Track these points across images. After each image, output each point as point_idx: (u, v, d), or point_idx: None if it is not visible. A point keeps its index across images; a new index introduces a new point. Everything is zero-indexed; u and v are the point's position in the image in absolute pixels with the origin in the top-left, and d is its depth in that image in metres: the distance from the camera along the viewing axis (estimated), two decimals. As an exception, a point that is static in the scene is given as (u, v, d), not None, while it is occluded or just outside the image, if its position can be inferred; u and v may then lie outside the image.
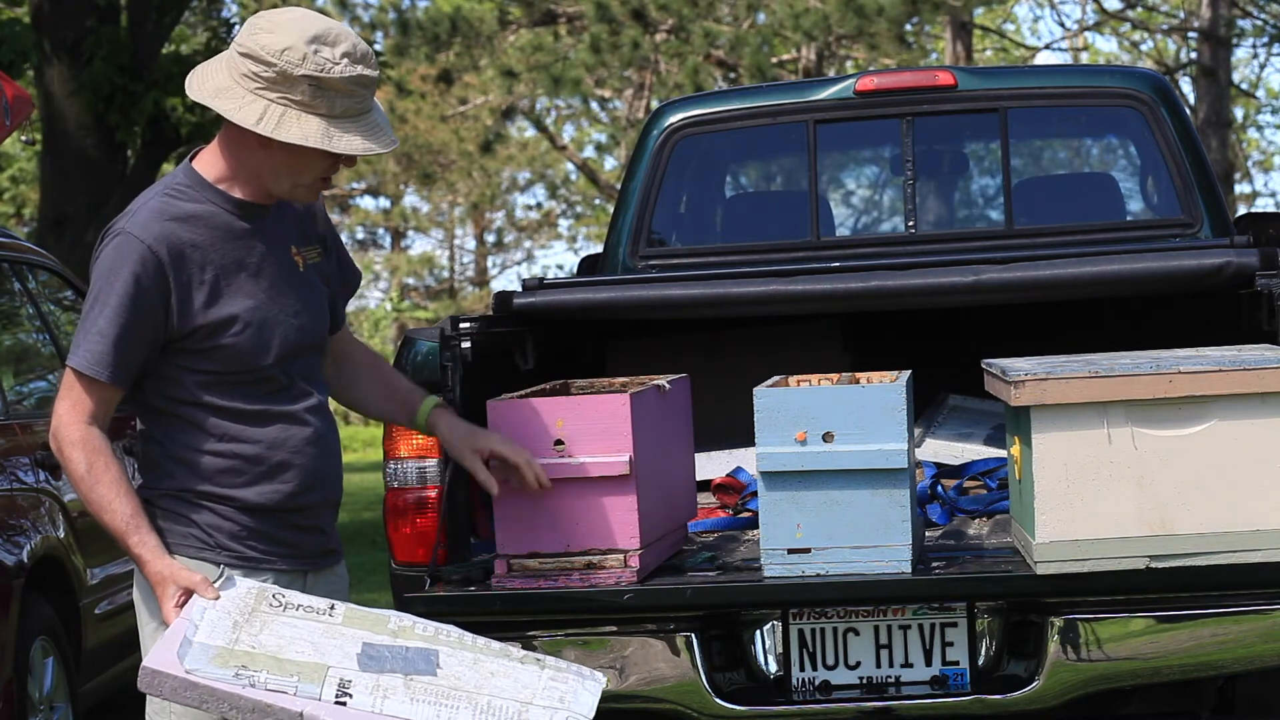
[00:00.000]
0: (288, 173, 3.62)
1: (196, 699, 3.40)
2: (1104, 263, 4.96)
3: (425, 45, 22.72)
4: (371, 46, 19.02)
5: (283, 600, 3.58)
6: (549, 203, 41.14)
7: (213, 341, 3.59)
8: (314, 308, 3.75)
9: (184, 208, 3.62)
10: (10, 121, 6.68)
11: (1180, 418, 4.12)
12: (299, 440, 3.68)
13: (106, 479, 3.53)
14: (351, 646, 3.53)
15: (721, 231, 6.49)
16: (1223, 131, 22.62)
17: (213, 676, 3.40)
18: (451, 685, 3.53)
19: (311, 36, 3.53)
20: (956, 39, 24.65)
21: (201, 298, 3.59)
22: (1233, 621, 4.30)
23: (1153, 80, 6.17)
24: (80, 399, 3.57)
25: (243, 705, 3.40)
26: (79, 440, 3.54)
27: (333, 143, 3.55)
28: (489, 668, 3.60)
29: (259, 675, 3.42)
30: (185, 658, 3.41)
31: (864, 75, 6.17)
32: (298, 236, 3.76)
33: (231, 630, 3.48)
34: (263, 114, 3.55)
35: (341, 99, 3.56)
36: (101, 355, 3.55)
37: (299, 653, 3.48)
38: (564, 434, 4.21)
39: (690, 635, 4.40)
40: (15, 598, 5.80)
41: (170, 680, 3.40)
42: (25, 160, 28.66)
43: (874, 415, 4.22)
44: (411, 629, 3.62)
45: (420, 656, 3.57)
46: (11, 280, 7.00)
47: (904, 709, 4.41)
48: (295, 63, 3.52)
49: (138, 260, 3.55)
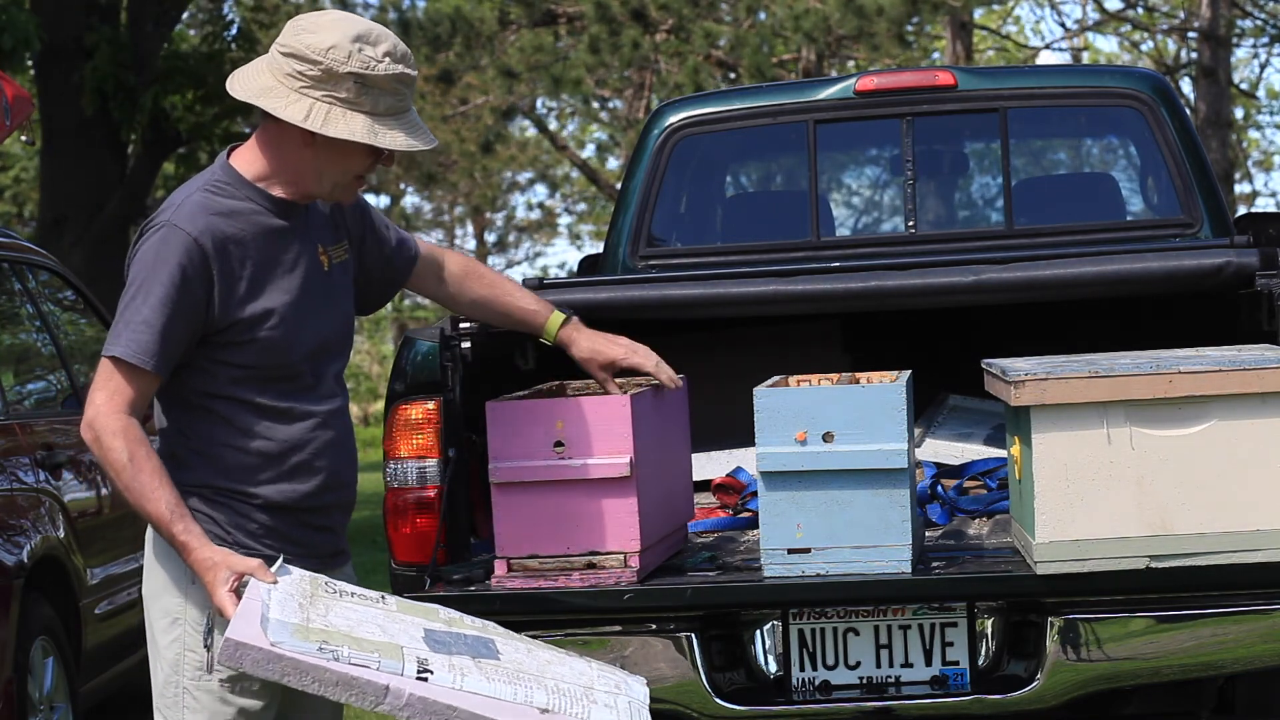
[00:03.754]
0: (330, 171, 3.68)
1: (280, 671, 3.36)
2: (1104, 263, 4.96)
3: (425, 45, 22.71)
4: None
5: (335, 588, 3.61)
6: (550, 201, 41.14)
7: (249, 335, 3.64)
8: (339, 307, 3.81)
9: (225, 204, 3.67)
10: (10, 121, 6.68)
11: (1180, 418, 4.12)
12: (322, 442, 3.72)
13: (149, 468, 3.54)
14: (415, 631, 3.55)
15: (721, 231, 6.49)
16: (1223, 131, 22.61)
17: (298, 649, 3.36)
18: (517, 669, 3.55)
19: (355, 35, 3.60)
20: (956, 39, 24.64)
21: (241, 291, 3.63)
22: (1233, 621, 4.30)
23: (1153, 80, 6.17)
24: (120, 388, 3.57)
25: (328, 678, 3.35)
26: (120, 430, 3.55)
27: (379, 138, 3.60)
28: (544, 656, 3.66)
29: (342, 650, 3.39)
30: (268, 631, 3.38)
31: (864, 75, 6.17)
32: (325, 235, 3.82)
33: (299, 611, 3.47)
34: (309, 111, 3.60)
35: (385, 97, 3.62)
36: (147, 344, 3.56)
37: (370, 633, 3.48)
38: (563, 435, 4.21)
39: (690, 635, 4.40)
40: (15, 598, 5.80)
41: (255, 653, 3.36)
42: (25, 160, 28.67)
43: (874, 415, 4.22)
44: (461, 620, 3.67)
45: (480, 643, 3.60)
46: (11, 280, 7.00)
47: (904, 709, 4.41)
48: (341, 60, 3.58)
49: (183, 252, 3.58)
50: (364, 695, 3.35)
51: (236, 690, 3.64)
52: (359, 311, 4.03)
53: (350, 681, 3.35)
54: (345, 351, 3.84)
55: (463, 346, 4.67)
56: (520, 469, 4.23)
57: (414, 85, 3.69)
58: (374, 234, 3.98)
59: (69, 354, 7.20)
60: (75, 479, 6.59)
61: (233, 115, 16.01)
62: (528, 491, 4.23)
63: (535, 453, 4.20)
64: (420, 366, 4.66)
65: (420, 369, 4.65)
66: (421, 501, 4.63)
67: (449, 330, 4.67)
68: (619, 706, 3.59)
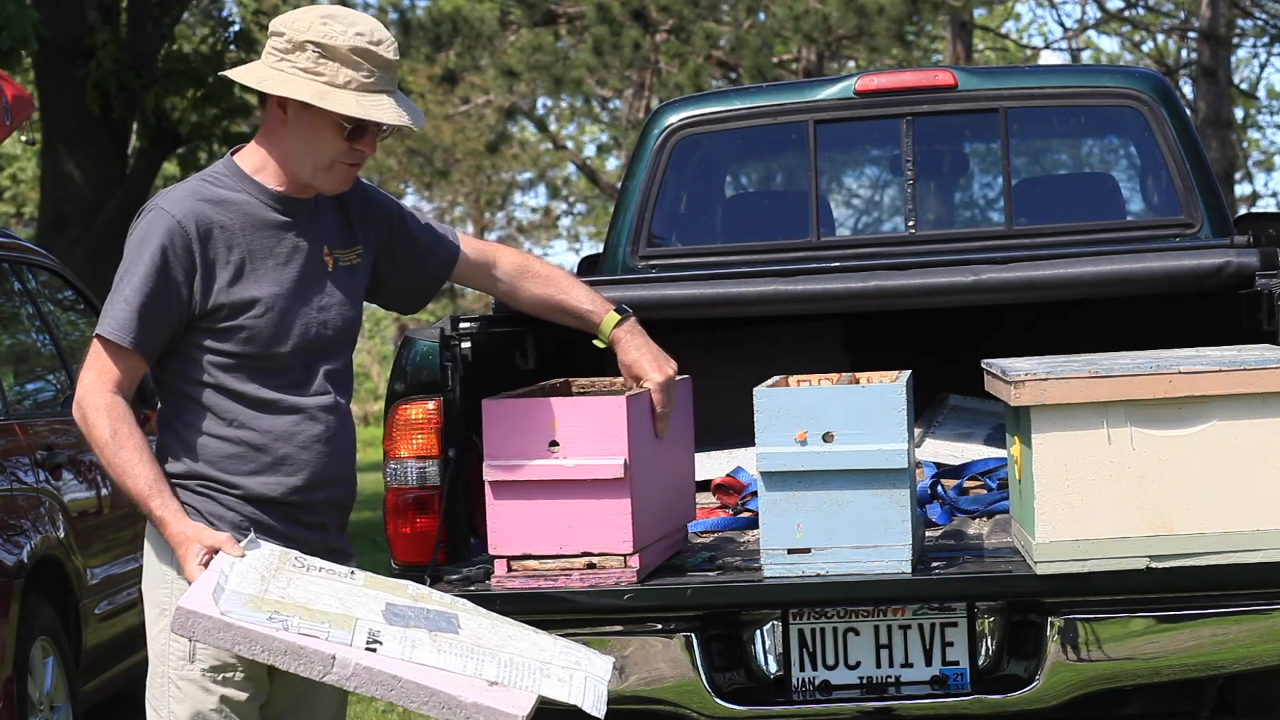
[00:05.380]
0: (305, 153, 3.72)
1: (230, 640, 3.42)
2: (1104, 263, 4.96)
3: (426, 45, 22.73)
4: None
5: (305, 563, 3.65)
6: (551, 201, 41.12)
7: (233, 322, 3.67)
8: (341, 306, 3.82)
9: (216, 192, 3.73)
10: (10, 121, 6.68)
11: (1180, 418, 4.12)
12: (307, 436, 3.74)
13: (130, 444, 3.60)
14: (376, 605, 3.60)
15: (721, 231, 6.49)
16: (1223, 131, 22.60)
17: (248, 619, 3.43)
18: (473, 643, 3.60)
19: (328, 14, 3.69)
20: (956, 39, 24.64)
21: (226, 277, 3.68)
22: (1233, 621, 4.30)
23: (1153, 80, 6.17)
24: (106, 367, 3.64)
25: (275, 647, 3.42)
26: (104, 407, 3.61)
27: (325, 100, 3.65)
28: (506, 632, 3.69)
29: (292, 620, 3.46)
30: (220, 600, 3.44)
31: (864, 75, 6.17)
32: (335, 237, 3.84)
33: (259, 583, 3.53)
34: (268, 77, 3.68)
35: (346, 69, 3.67)
36: (125, 321, 3.62)
37: (327, 605, 3.54)
38: (559, 435, 4.21)
39: (690, 635, 4.40)
40: (15, 598, 5.80)
41: (205, 621, 3.42)
42: (24, 161, 28.67)
43: (874, 415, 4.22)
44: (429, 596, 3.71)
45: (441, 618, 3.64)
46: (11, 280, 7.00)
47: (904, 709, 4.41)
48: (302, 30, 3.66)
49: (166, 233, 3.65)
50: (310, 664, 3.42)
51: (219, 680, 3.67)
52: (402, 310, 4.11)
53: (298, 651, 3.42)
54: (343, 352, 3.85)
55: (463, 346, 4.67)
56: (515, 468, 4.22)
57: (388, 68, 3.72)
58: (404, 238, 4.00)
59: (69, 354, 7.20)
60: (75, 479, 6.59)
61: (233, 116, 16.01)
62: (522, 491, 4.23)
63: (530, 452, 4.20)
64: (420, 366, 4.66)
65: (420, 369, 4.65)
66: (421, 501, 4.63)
67: (449, 330, 4.67)
68: (573, 681, 3.62)
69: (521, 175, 39.60)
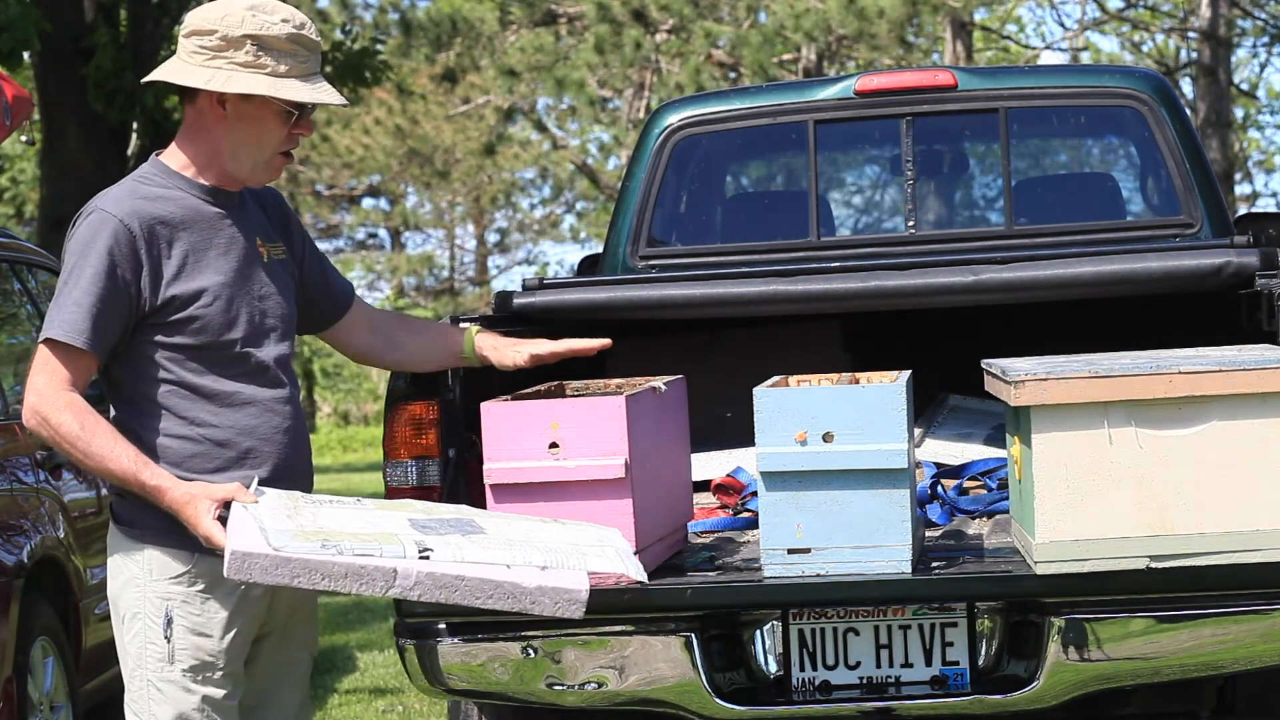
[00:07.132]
0: (247, 147, 3.75)
1: (290, 573, 3.43)
2: (1104, 263, 4.96)
3: (426, 45, 22.74)
4: (375, 46, 18.94)
5: (314, 499, 3.71)
6: (551, 205, 41.14)
7: (184, 313, 3.69)
8: (276, 296, 3.85)
9: (153, 190, 3.76)
10: (10, 121, 6.68)
11: (1180, 418, 4.12)
12: (269, 428, 3.76)
13: (101, 429, 3.60)
14: (401, 522, 3.65)
15: (721, 231, 6.49)
16: (1223, 131, 22.61)
17: (302, 550, 3.44)
18: (505, 538, 3.69)
19: (249, 4, 3.72)
20: (956, 39, 24.65)
21: (172, 270, 3.70)
22: (1233, 621, 4.29)
23: (1153, 80, 6.17)
24: (57, 370, 3.65)
25: (335, 571, 3.44)
26: (64, 405, 3.61)
27: (280, 91, 3.68)
28: (525, 524, 3.82)
29: (344, 544, 3.48)
30: (269, 538, 3.45)
31: (864, 75, 6.17)
32: (264, 232, 3.89)
33: (289, 519, 3.55)
34: (210, 77, 3.70)
35: (285, 58, 3.72)
36: (77, 323, 3.63)
37: (362, 528, 3.58)
38: (559, 437, 4.21)
39: (690, 635, 4.39)
40: (15, 598, 5.80)
41: (262, 560, 3.43)
42: (23, 161, 28.67)
43: (874, 415, 4.22)
44: (436, 508, 3.81)
45: (463, 523, 3.74)
46: (11, 280, 7.00)
47: (904, 709, 4.41)
48: (235, 24, 3.69)
49: (111, 234, 3.67)
50: (373, 582, 3.45)
51: (199, 679, 3.67)
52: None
53: (358, 571, 3.45)
54: (286, 340, 3.87)
55: (463, 346, 4.66)
56: (515, 470, 4.22)
57: (317, 51, 3.79)
58: (313, 257, 4.06)
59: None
60: (75, 479, 6.59)
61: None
62: (522, 493, 4.22)
63: (530, 454, 4.20)
64: (420, 366, 4.65)
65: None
66: (421, 502, 4.63)
67: (449, 330, 4.67)
68: (608, 555, 3.78)
69: (521, 175, 39.62)
